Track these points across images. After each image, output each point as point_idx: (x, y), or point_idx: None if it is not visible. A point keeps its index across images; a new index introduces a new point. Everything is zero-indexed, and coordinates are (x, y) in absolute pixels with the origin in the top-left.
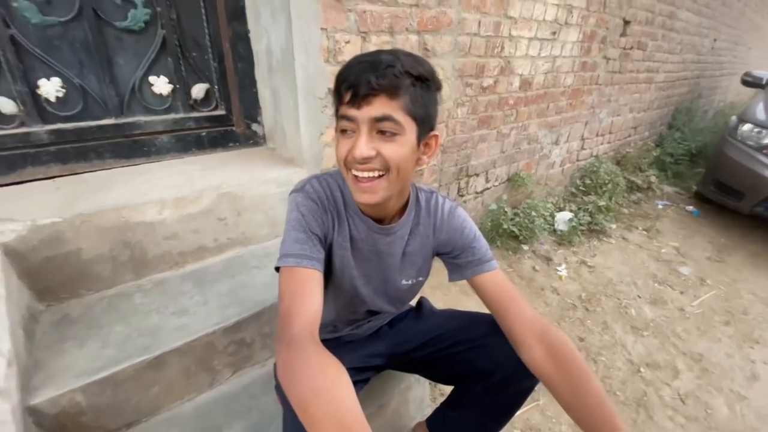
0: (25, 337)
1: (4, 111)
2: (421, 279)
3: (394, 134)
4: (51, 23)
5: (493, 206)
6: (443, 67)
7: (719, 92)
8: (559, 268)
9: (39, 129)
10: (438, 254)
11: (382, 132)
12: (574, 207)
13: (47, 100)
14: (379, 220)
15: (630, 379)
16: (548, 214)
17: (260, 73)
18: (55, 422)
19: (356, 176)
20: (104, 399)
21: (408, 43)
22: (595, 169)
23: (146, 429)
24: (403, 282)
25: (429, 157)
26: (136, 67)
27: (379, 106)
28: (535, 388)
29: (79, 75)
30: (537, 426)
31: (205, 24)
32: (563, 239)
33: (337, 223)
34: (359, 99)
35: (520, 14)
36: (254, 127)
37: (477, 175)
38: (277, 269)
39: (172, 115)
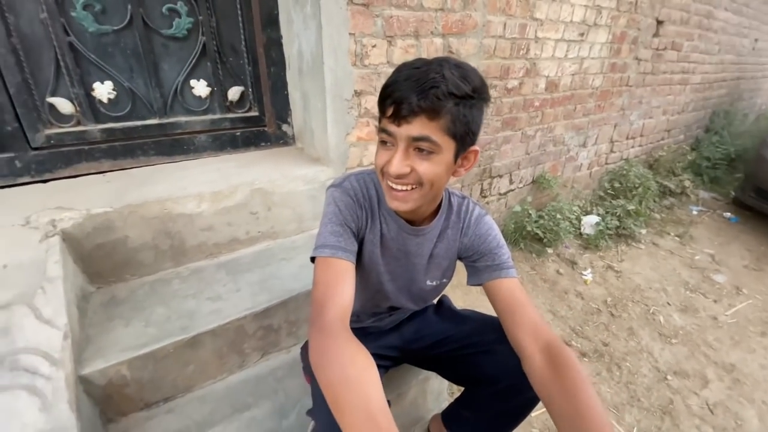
0: (78, 314)
1: (62, 111)
2: (444, 281)
3: (430, 153)
4: (105, 31)
5: (517, 208)
6: None
7: (761, 95)
8: (584, 272)
9: (93, 128)
10: (460, 257)
11: (419, 149)
12: (601, 211)
13: (100, 102)
14: (411, 221)
15: (656, 387)
16: (574, 217)
17: (291, 76)
18: (103, 392)
19: (390, 186)
20: (146, 373)
21: (433, 46)
22: (624, 172)
23: (182, 404)
24: (428, 283)
25: (467, 170)
26: (179, 72)
27: (419, 126)
28: None
29: (129, 79)
30: (555, 428)
31: (242, 31)
32: (589, 243)
33: (370, 220)
34: (399, 117)
35: (547, 16)
36: (284, 127)
37: (500, 176)
38: (313, 259)
39: (210, 116)
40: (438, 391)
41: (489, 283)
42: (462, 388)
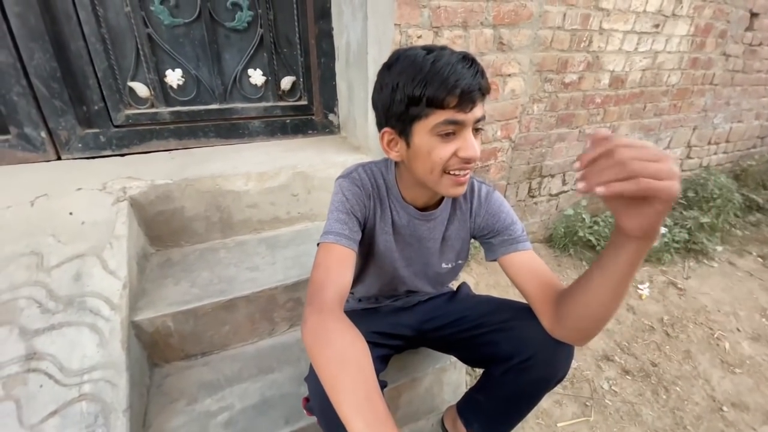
0: (137, 269)
1: (140, 94)
2: (460, 262)
3: (480, 129)
4: (178, 24)
5: (570, 211)
6: (519, 62)
7: None
8: (640, 286)
9: (163, 110)
10: (475, 237)
11: (476, 130)
12: (669, 221)
13: (171, 87)
14: (419, 207)
15: (708, 417)
16: None
17: (339, 67)
18: (150, 339)
19: (455, 174)
20: (187, 327)
21: (482, 37)
22: (702, 181)
23: (217, 359)
24: (443, 265)
25: None
26: (239, 61)
27: (480, 107)
28: (587, 404)
29: (196, 67)
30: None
31: (296, 23)
32: (651, 256)
33: (380, 209)
34: (468, 103)
35: (615, 5)
36: (330, 116)
37: (552, 176)
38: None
39: (264, 104)
40: (456, 384)
41: (504, 258)
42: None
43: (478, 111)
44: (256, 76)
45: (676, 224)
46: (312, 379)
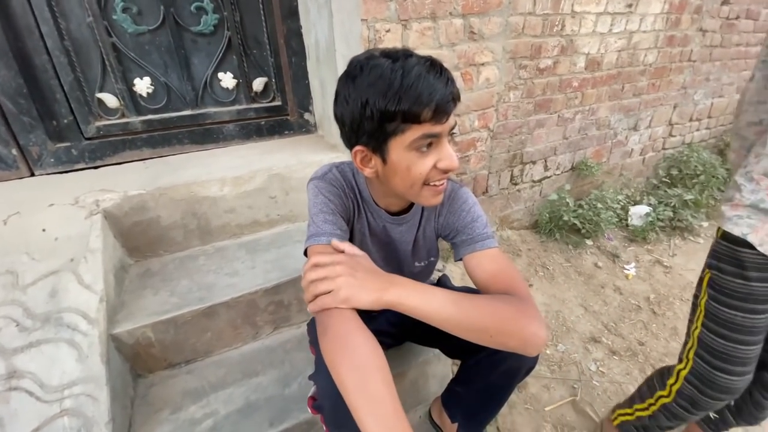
0: (115, 282)
1: (109, 105)
2: (432, 260)
3: (453, 134)
4: (142, 31)
5: (554, 196)
6: (492, 50)
7: None
8: (627, 267)
9: (135, 119)
10: (441, 236)
11: (451, 135)
12: (653, 200)
13: (141, 96)
14: (391, 211)
15: None
16: (619, 207)
17: (311, 65)
18: (131, 350)
19: (434, 185)
20: (168, 336)
21: (452, 27)
22: (685, 158)
23: (201, 366)
24: (416, 264)
25: None
26: (208, 66)
27: (453, 115)
28: (575, 386)
29: (164, 74)
30: (571, 423)
31: (264, 23)
32: (636, 235)
33: (357, 211)
34: (442, 114)
35: None
36: (306, 116)
37: (533, 162)
38: (305, 252)
39: (237, 107)
40: (442, 375)
41: (466, 258)
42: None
43: (451, 120)
44: (227, 80)
45: (660, 203)
46: (323, 379)
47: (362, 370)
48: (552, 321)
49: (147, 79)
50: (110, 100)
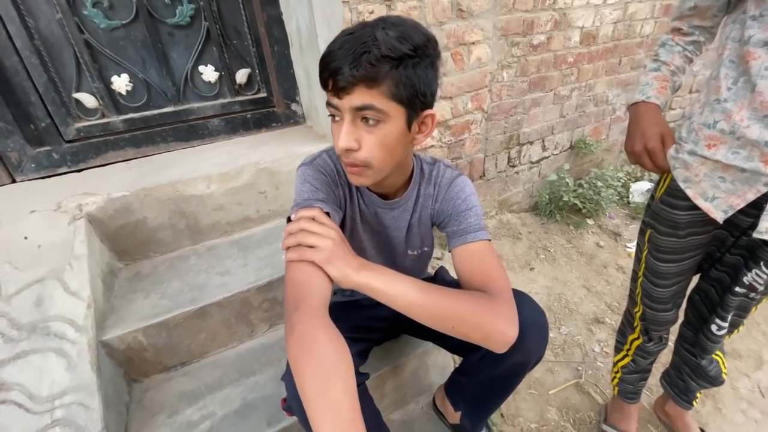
0: (104, 287)
1: (88, 105)
2: (426, 249)
3: (378, 122)
4: (115, 26)
5: (553, 177)
6: (482, 28)
7: None
8: (629, 245)
9: (115, 119)
10: (435, 224)
11: (365, 119)
12: (654, 177)
13: (120, 94)
14: (383, 195)
15: None
16: (620, 184)
17: (294, 53)
18: (123, 356)
19: (344, 162)
20: (161, 340)
21: (439, 5)
22: None
23: (197, 368)
24: (410, 252)
25: (425, 135)
26: (187, 59)
27: (359, 96)
28: (579, 368)
29: (143, 70)
30: (576, 406)
31: (243, 11)
32: (638, 213)
33: (348, 197)
34: (338, 89)
35: None
36: (293, 106)
37: (531, 143)
38: (289, 220)
39: (221, 100)
40: (443, 365)
41: (455, 250)
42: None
43: (354, 99)
44: (209, 73)
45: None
46: (291, 381)
47: (324, 376)
48: (554, 304)
49: (125, 76)
50: (88, 100)
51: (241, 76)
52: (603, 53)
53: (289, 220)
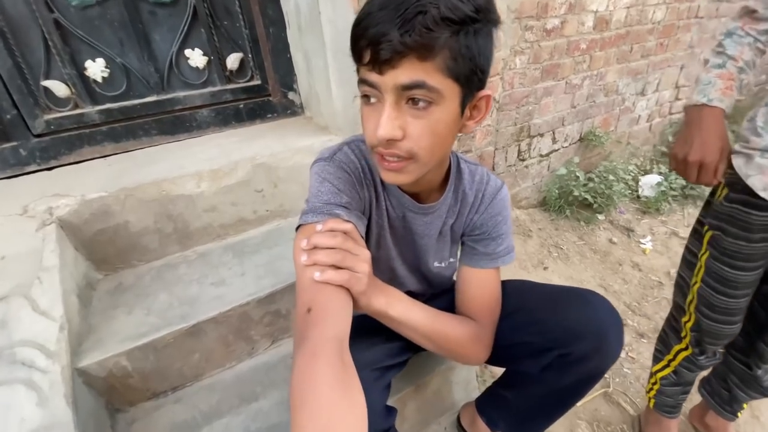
0: (80, 303)
1: (58, 94)
2: (452, 260)
3: (429, 103)
4: (89, 3)
5: (562, 171)
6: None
7: None
8: (642, 241)
9: (91, 110)
10: (465, 233)
11: (413, 101)
12: (663, 169)
13: (95, 81)
14: (416, 196)
15: None
16: (630, 178)
17: (292, 35)
18: (104, 384)
19: (381, 154)
20: (148, 363)
21: None
22: None
23: (190, 393)
24: (436, 264)
25: (477, 122)
26: (172, 42)
27: (408, 70)
28: (606, 377)
29: (121, 54)
30: (606, 418)
31: None
32: (649, 207)
33: (375, 199)
34: (380, 61)
35: None
36: (291, 95)
37: (541, 135)
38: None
39: (210, 89)
40: (466, 381)
41: (467, 268)
42: (498, 375)
43: (402, 75)
44: (196, 57)
45: (671, 171)
46: None
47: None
48: None
49: (100, 61)
50: (59, 88)
51: (233, 61)
52: (615, 40)
53: (299, 226)
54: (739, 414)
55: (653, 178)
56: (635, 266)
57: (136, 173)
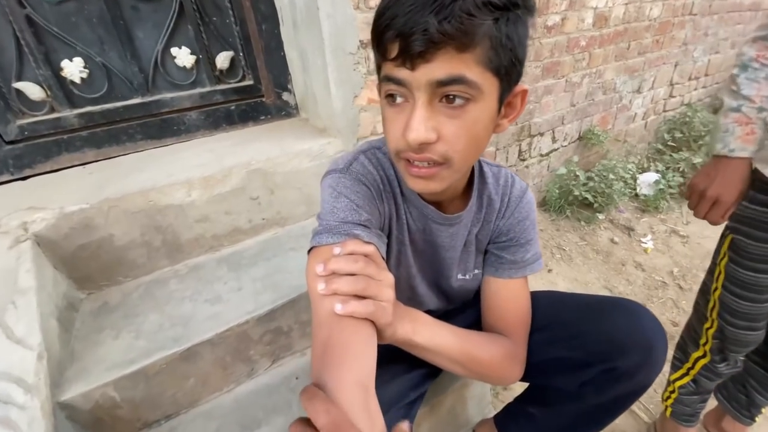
0: (60, 327)
1: (32, 97)
2: (477, 272)
3: (466, 101)
4: None
5: (562, 170)
6: None
7: None
8: (643, 240)
9: (68, 113)
10: (490, 240)
11: (448, 99)
12: (660, 166)
13: (73, 83)
14: (438, 204)
15: None
16: (629, 176)
17: (286, 32)
18: (90, 416)
19: (408, 160)
20: (138, 392)
21: None
22: (687, 119)
23: (186, 421)
24: (459, 277)
25: (511, 120)
26: (157, 40)
27: (445, 64)
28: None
29: (100, 53)
30: (621, 427)
31: None
32: (648, 205)
33: (395, 212)
34: (412, 55)
35: None
36: (285, 96)
37: (541, 134)
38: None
39: (199, 90)
40: (480, 396)
41: (493, 279)
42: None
43: (436, 70)
44: (183, 56)
45: (668, 168)
46: None
47: None
48: None
49: (78, 61)
50: (33, 90)
51: (223, 60)
52: (614, 37)
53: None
54: (756, 419)
55: (651, 176)
56: (638, 266)
57: (120, 182)
